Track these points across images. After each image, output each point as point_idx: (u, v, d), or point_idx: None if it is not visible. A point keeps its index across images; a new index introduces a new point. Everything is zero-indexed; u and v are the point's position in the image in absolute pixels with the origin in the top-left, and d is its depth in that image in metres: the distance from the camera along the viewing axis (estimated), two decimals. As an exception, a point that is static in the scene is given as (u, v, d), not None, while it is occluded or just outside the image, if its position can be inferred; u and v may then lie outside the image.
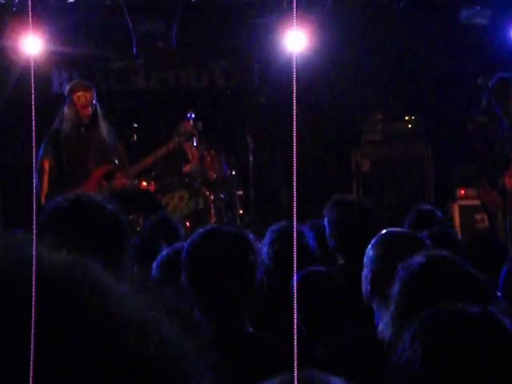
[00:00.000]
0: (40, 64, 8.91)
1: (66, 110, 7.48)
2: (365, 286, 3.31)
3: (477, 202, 8.35)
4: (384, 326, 2.75)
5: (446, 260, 2.55)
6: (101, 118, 7.51)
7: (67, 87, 7.76)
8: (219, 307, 2.75)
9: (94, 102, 7.44)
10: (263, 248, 4.20)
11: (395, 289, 2.47)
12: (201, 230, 2.90)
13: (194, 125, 8.15)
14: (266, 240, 4.34)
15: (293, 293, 3.32)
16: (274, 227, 4.44)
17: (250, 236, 2.88)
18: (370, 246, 3.33)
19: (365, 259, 3.33)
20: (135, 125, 9.18)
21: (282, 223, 4.46)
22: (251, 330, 2.78)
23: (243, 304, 2.78)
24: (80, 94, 7.41)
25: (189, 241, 2.89)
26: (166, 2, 9.31)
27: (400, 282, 2.45)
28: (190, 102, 9.82)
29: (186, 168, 8.83)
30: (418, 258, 2.53)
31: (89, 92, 7.44)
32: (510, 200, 7.21)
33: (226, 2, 9.36)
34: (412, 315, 2.04)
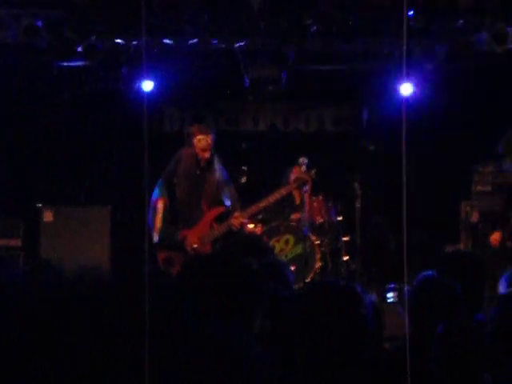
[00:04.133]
0: (153, 103, 9.16)
1: (183, 151, 7.64)
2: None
3: None
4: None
5: None
6: (216, 161, 7.63)
7: (188, 129, 7.92)
8: (329, 364, 2.73)
9: (212, 145, 7.58)
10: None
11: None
12: (309, 284, 2.91)
13: (308, 171, 8.16)
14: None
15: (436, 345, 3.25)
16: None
17: (358, 288, 2.88)
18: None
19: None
20: (244, 167, 9.29)
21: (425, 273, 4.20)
22: None
23: (355, 359, 2.76)
24: (201, 137, 7.55)
25: (296, 295, 2.89)
26: (280, 48, 9.43)
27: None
28: (299, 146, 9.89)
29: (295, 215, 8.82)
30: None
31: (209, 136, 7.57)
32: None
33: (340, 49, 9.42)
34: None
